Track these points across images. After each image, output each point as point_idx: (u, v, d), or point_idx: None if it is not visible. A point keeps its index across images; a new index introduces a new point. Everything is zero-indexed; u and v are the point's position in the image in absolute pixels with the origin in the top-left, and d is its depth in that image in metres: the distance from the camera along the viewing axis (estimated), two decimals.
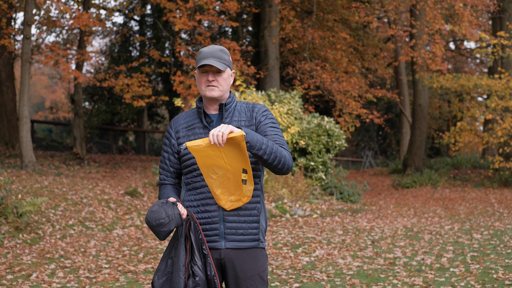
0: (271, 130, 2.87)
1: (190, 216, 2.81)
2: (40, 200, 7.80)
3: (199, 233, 2.79)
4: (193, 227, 2.79)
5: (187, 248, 2.77)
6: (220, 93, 2.89)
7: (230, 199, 2.78)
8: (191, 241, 2.77)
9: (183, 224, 2.78)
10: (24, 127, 12.19)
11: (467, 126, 17.36)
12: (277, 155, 2.74)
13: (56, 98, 39.14)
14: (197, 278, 2.73)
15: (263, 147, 2.70)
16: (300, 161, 12.21)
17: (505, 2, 17.58)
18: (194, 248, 2.76)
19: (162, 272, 2.81)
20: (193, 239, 2.77)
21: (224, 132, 2.60)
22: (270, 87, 15.78)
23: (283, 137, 2.90)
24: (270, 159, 2.73)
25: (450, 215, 11.16)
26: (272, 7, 16.24)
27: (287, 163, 2.80)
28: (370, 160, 26.29)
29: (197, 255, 2.76)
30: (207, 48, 2.90)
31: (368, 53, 21.25)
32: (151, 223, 2.74)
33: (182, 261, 2.74)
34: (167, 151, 2.97)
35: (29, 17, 12.25)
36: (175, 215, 2.73)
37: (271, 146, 2.73)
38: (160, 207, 2.74)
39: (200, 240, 2.79)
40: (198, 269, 2.74)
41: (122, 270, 6.31)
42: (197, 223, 2.81)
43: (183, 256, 2.75)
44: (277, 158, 2.75)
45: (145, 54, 19.46)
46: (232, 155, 2.69)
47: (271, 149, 2.73)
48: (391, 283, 5.65)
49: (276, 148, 2.75)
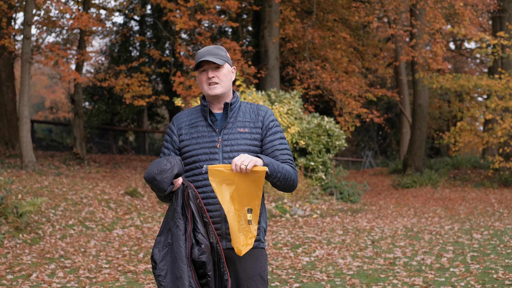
0: (281, 143, 2.91)
1: (186, 184, 2.78)
2: (40, 200, 7.79)
3: (199, 201, 2.76)
4: (191, 195, 2.75)
5: (188, 216, 2.73)
6: (222, 89, 2.88)
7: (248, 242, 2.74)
8: (191, 209, 2.73)
9: (179, 191, 2.75)
10: (24, 127, 12.19)
11: (467, 126, 17.36)
12: (288, 180, 2.82)
13: (56, 98, 39.12)
14: (202, 245, 2.70)
15: (278, 175, 2.77)
16: (300, 161, 12.20)
17: (505, 2, 17.57)
18: (196, 216, 2.72)
19: (162, 244, 2.77)
20: (193, 207, 2.73)
21: (247, 166, 2.63)
22: (270, 87, 15.77)
23: (289, 149, 2.96)
24: (282, 183, 2.81)
25: (450, 215, 11.16)
26: (272, 7, 16.23)
27: (294, 185, 2.87)
28: (370, 160, 26.28)
29: (199, 223, 2.72)
30: (203, 49, 2.91)
31: (368, 53, 21.24)
32: (153, 172, 2.69)
33: (181, 230, 2.70)
34: (168, 148, 2.96)
35: (29, 17, 12.25)
36: (176, 161, 2.72)
37: (285, 173, 2.79)
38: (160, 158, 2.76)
39: (201, 208, 2.75)
40: (202, 236, 2.71)
41: (122, 270, 6.31)
42: (195, 190, 2.78)
43: (181, 225, 2.71)
44: (287, 182, 2.83)
45: (145, 54, 19.46)
46: (245, 187, 2.69)
47: (285, 175, 2.79)
48: (391, 283, 5.65)
49: (289, 174, 2.81)
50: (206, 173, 2.78)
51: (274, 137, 2.90)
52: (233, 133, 2.86)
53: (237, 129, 2.87)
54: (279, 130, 2.93)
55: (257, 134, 2.89)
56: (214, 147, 2.85)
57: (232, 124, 2.88)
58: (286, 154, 2.89)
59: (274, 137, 2.90)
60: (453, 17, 18.90)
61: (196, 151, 2.87)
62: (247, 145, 2.86)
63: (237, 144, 2.85)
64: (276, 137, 2.90)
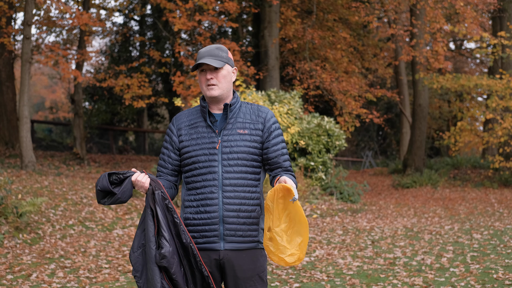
0: (283, 148, 2.94)
1: (153, 186, 2.76)
2: (40, 200, 7.79)
3: (168, 201, 2.75)
4: (158, 197, 2.74)
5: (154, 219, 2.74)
6: (220, 91, 2.88)
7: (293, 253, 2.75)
8: (156, 212, 2.73)
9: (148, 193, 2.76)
10: (24, 127, 12.19)
11: (467, 126, 17.35)
12: None
13: (56, 98, 39.11)
14: (162, 250, 2.70)
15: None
16: (300, 161, 12.20)
17: (505, 2, 17.57)
18: (160, 219, 2.72)
19: (136, 245, 2.80)
20: (159, 210, 2.73)
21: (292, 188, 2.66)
22: (270, 87, 15.77)
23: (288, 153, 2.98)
24: None
25: (450, 215, 11.15)
26: (272, 7, 16.24)
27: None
28: (370, 160, 26.28)
29: (164, 226, 2.72)
30: (204, 48, 2.90)
31: (368, 53, 21.24)
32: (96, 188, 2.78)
33: (151, 232, 2.72)
34: (167, 148, 2.96)
35: (29, 17, 12.25)
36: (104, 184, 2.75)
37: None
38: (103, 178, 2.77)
39: (170, 209, 2.74)
40: (164, 240, 2.71)
41: (122, 270, 6.31)
42: (164, 191, 2.77)
43: (151, 227, 2.73)
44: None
45: (145, 54, 19.46)
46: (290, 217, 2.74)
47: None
48: (391, 283, 5.65)
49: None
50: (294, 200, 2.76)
51: (277, 140, 2.91)
52: (233, 134, 2.86)
53: (236, 130, 2.87)
54: (280, 133, 2.95)
55: (257, 136, 2.88)
56: (213, 148, 2.84)
57: (231, 125, 2.88)
58: (287, 161, 2.93)
59: (277, 141, 2.91)
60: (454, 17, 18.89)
61: (195, 152, 2.87)
62: (247, 146, 2.85)
63: (237, 146, 2.85)
64: (279, 141, 2.92)
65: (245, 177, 2.85)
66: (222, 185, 2.83)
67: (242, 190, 2.83)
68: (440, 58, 15.66)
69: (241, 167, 2.84)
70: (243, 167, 2.85)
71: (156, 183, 2.78)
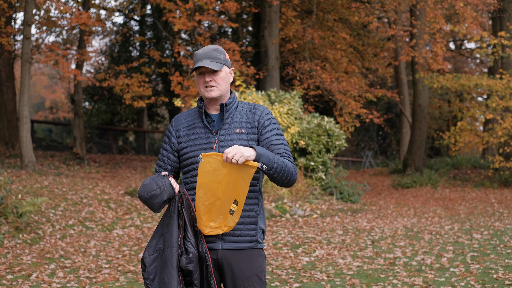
0: (277, 139, 2.89)
1: (182, 193, 2.80)
2: (40, 200, 7.79)
3: (191, 210, 2.79)
4: (185, 203, 2.78)
5: (180, 224, 2.77)
6: (219, 92, 2.89)
7: (210, 225, 2.77)
8: (184, 218, 2.76)
9: (176, 199, 2.78)
10: (24, 127, 12.19)
11: (467, 126, 17.36)
12: (285, 172, 2.78)
13: (56, 98, 39.12)
14: (190, 254, 2.73)
15: (274, 166, 2.73)
16: (300, 161, 12.20)
17: (505, 2, 17.57)
18: (187, 224, 2.76)
19: (153, 249, 2.81)
20: (186, 215, 2.77)
21: (238, 161, 2.63)
22: (270, 87, 15.77)
23: (287, 145, 2.93)
24: (279, 176, 2.77)
25: (450, 215, 11.15)
26: (272, 7, 16.24)
27: (293, 178, 2.84)
28: (370, 160, 26.28)
29: (190, 232, 2.76)
30: (201, 49, 2.90)
31: (368, 52, 21.24)
32: (144, 196, 2.76)
33: (175, 238, 2.74)
34: (166, 149, 2.97)
35: (29, 17, 12.25)
36: (166, 185, 2.75)
37: (281, 164, 2.76)
38: (151, 180, 2.77)
39: (193, 217, 2.79)
40: (191, 245, 2.74)
41: (122, 270, 6.31)
42: (189, 200, 2.81)
43: (176, 232, 2.75)
44: (285, 175, 2.79)
45: (145, 54, 19.47)
46: (233, 180, 2.69)
47: (281, 167, 2.76)
48: (391, 283, 5.65)
49: (285, 165, 2.78)
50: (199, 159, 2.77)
51: (269, 134, 2.88)
52: (230, 134, 2.86)
53: (233, 129, 2.87)
54: (275, 127, 2.91)
55: (254, 134, 2.88)
56: (210, 148, 2.85)
57: (228, 125, 2.88)
58: (282, 149, 2.87)
59: (269, 134, 2.88)
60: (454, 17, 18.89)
61: (193, 152, 2.88)
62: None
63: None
64: (271, 134, 2.88)
65: None
66: None
67: None
68: (439, 59, 15.66)
69: None
70: None
71: (183, 190, 2.83)
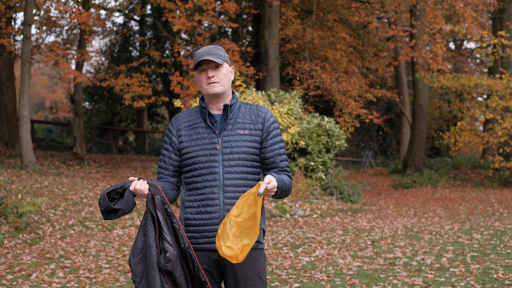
0: (281, 148, 2.94)
1: (153, 191, 2.77)
2: (40, 200, 7.79)
3: (167, 206, 2.76)
4: (158, 202, 2.75)
5: (155, 224, 2.75)
6: (223, 88, 2.88)
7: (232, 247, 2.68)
8: (157, 217, 2.74)
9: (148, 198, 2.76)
10: (24, 127, 12.19)
11: (467, 126, 17.36)
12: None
13: (56, 98, 39.12)
14: (167, 253, 2.70)
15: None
16: (300, 161, 12.20)
17: (505, 2, 17.57)
18: (161, 223, 2.73)
19: (137, 251, 2.80)
20: (159, 214, 2.74)
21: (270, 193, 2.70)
22: (270, 87, 15.77)
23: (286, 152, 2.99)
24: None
25: (450, 215, 11.15)
26: (272, 8, 16.24)
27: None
28: (370, 160, 26.28)
29: (166, 230, 2.73)
30: (201, 49, 2.91)
31: (368, 52, 21.24)
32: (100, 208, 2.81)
33: (152, 237, 2.73)
34: (167, 149, 2.96)
35: (29, 17, 12.25)
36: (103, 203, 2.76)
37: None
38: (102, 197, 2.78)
39: (169, 214, 2.76)
40: (168, 244, 2.72)
41: (122, 270, 6.31)
42: (164, 196, 2.77)
43: (151, 232, 2.73)
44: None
45: (145, 54, 19.47)
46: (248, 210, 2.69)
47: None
48: (391, 283, 5.65)
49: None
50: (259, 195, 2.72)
51: (275, 140, 2.91)
52: (233, 135, 2.87)
53: (237, 131, 2.87)
54: (279, 133, 2.95)
55: (257, 136, 2.89)
56: (214, 148, 2.85)
57: (232, 126, 2.88)
58: (285, 161, 2.93)
59: (275, 141, 2.91)
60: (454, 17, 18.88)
61: (196, 152, 2.87)
62: (247, 147, 2.86)
63: (237, 146, 2.85)
64: (277, 141, 2.92)
65: (245, 178, 2.86)
66: (223, 185, 2.83)
67: (242, 191, 2.83)
68: (439, 59, 15.66)
69: (241, 167, 2.85)
70: (243, 167, 2.86)
71: (155, 188, 2.78)
